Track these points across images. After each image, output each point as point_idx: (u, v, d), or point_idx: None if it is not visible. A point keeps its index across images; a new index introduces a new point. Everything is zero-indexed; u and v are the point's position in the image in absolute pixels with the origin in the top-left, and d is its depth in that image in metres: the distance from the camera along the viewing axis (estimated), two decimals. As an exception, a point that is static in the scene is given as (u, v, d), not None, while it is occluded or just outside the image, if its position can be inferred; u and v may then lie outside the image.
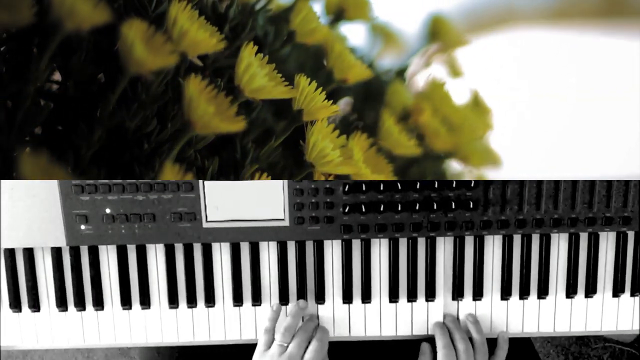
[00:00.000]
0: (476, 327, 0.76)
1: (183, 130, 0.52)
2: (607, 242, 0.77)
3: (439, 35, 0.83)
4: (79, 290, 0.75)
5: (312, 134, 0.59)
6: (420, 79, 0.83)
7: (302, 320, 0.76)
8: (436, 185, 0.73)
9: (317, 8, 0.68)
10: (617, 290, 0.77)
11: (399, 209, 0.73)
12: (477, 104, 0.86)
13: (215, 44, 0.53)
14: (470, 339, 0.75)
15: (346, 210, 0.73)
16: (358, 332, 0.78)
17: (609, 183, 0.74)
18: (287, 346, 0.72)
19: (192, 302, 0.76)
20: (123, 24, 0.46)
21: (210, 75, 0.56)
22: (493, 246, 0.77)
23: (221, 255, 0.76)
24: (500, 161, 0.86)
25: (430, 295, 0.77)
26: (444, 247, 0.76)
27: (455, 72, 0.86)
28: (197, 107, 0.49)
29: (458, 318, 0.78)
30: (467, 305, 0.77)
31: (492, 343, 0.79)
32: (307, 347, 0.73)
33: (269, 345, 0.74)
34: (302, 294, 0.76)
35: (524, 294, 0.77)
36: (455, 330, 0.75)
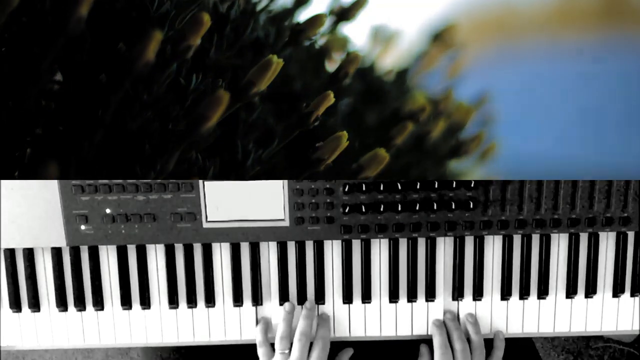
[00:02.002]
0: (475, 327, 0.76)
1: (185, 130, 0.52)
2: (607, 242, 0.77)
3: (440, 36, 0.83)
4: (79, 290, 0.75)
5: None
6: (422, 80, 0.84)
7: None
8: (436, 185, 0.73)
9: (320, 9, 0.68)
10: (617, 291, 0.77)
11: (399, 209, 0.73)
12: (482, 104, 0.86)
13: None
14: (469, 340, 0.76)
15: (346, 210, 0.73)
16: (358, 332, 0.78)
17: (609, 183, 0.74)
18: (289, 352, 0.73)
19: (192, 302, 0.76)
20: (152, 32, 0.46)
21: (212, 77, 0.56)
22: (493, 246, 0.77)
23: (221, 255, 0.76)
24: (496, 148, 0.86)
25: (430, 295, 0.77)
26: (444, 247, 0.76)
27: (455, 73, 0.86)
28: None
29: (458, 317, 0.78)
30: (467, 305, 0.78)
31: (491, 343, 0.79)
32: (310, 346, 0.73)
33: (269, 356, 0.74)
34: (302, 294, 0.76)
35: (524, 294, 0.77)
36: (454, 330, 0.75)
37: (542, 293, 0.77)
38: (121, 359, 1.37)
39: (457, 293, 0.77)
